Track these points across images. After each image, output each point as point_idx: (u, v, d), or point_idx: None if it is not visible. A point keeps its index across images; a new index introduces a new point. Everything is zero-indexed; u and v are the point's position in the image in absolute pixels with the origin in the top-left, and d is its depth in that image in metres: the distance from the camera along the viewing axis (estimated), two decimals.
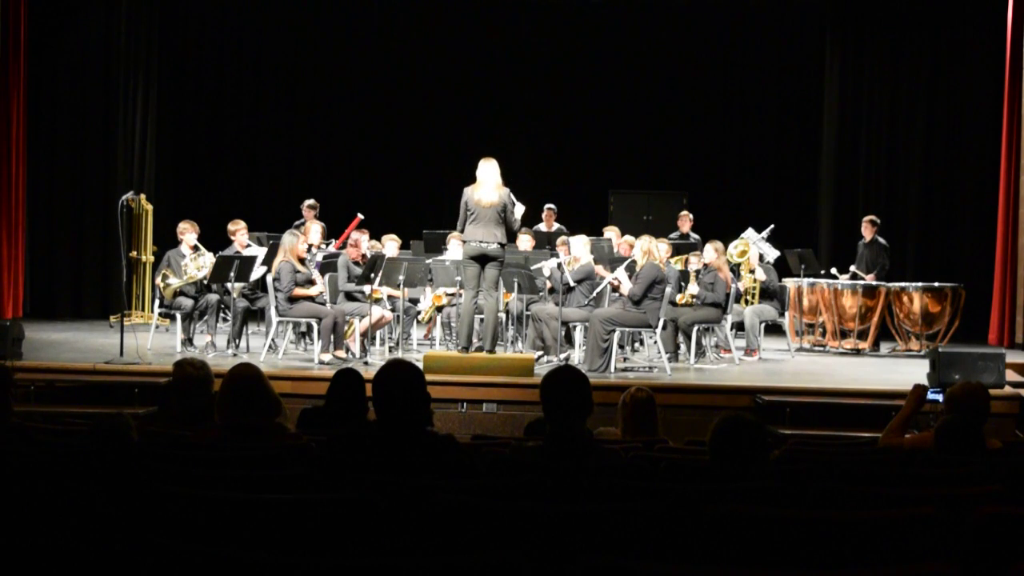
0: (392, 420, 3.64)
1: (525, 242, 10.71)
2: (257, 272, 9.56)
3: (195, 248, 9.68)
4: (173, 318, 9.73)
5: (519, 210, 8.71)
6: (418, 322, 10.35)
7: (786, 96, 14.46)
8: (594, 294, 9.22)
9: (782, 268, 11.36)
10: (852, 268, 11.38)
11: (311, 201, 11.39)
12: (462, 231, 8.68)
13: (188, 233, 9.70)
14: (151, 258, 11.94)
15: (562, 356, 8.99)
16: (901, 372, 9.24)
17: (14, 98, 11.47)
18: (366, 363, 8.86)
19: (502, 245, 8.54)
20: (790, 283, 11.09)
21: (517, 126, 14.26)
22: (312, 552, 2.77)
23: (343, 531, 2.80)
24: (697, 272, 10.10)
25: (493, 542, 2.76)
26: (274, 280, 8.91)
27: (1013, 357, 9.18)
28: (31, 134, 12.01)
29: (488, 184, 8.46)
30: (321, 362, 8.61)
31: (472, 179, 8.56)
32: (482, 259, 8.49)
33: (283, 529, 2.80)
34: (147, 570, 2.26)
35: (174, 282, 9.47)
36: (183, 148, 14.02)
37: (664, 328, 9.09)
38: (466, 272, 8.60)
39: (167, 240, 10.66)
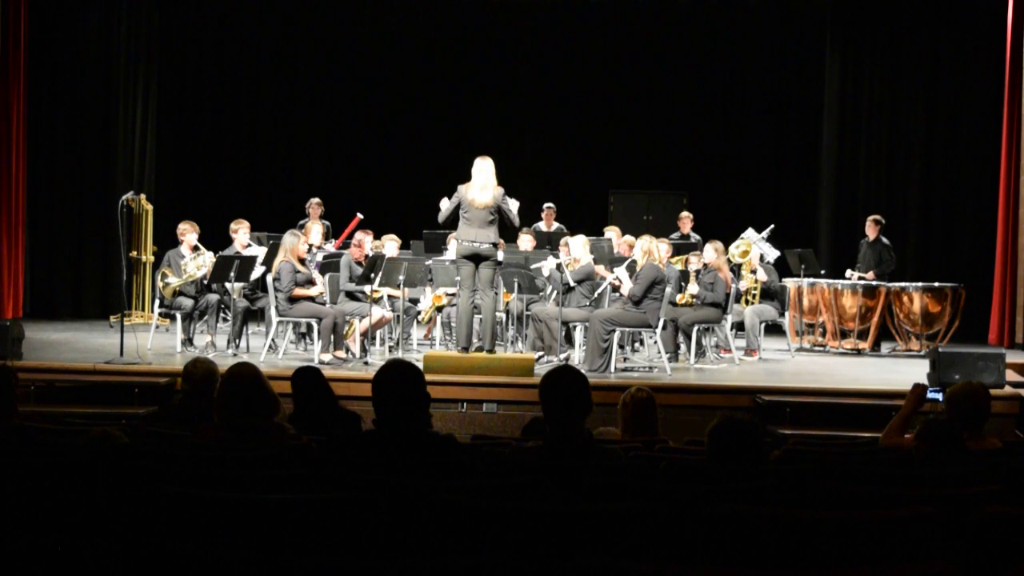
0: (392, 420, 3.64)
1: (525, 242, 10.70)
2: (257, 272, 9.56)
3: (195, 248, 9.68)
4: (173, 318, 9.73)
5: (514, 205, 8.66)
6: (418, 322, 10.35)
7: (786, 96, 14.45)
8: (595, 295, 9.22)
9: (782, 268, 11.36)
10: (857, 271, 11.37)
11: (317, 200, 11.39)
12: (442, 224, 8.70)
13: (189, 233, 9.70)
14: (151, 258, 11.94)
15: (562, 356, 8.98)
16: (901, 372, 9.24)
17: (14, 98, 11.48)
18: (366, 363, 8.86)
19: (494, 244, 8.54)
20: (790, 283, 11.09)
21: (517, 126, 14.26)
22: (312, 552, 2.77)
23: (343, 531, 2.80)
24: (697, 272, 10.10)
25: (493, 542, 2.76)
26: (274, 280, 8.91)
27: (1013, 357, 9.17)
28: (31, 134, 12.01)
29: (482, 184, 8.45)
30: (321, 362, 8.60)
31: (468, 179, 8.55)
32: (475, 258, 8.48)
33: (283, 529, 2.80)
34: (147, 570, 2.26)
35: (173, 281, 9.48)
36: (183, 148, 14.02)
37: (664, 328, 9.09)
38: (461, 271, 8.60)
39: (167, 240, 10.66)
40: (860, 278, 11.20)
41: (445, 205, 8.66)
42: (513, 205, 8.65)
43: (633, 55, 14.44)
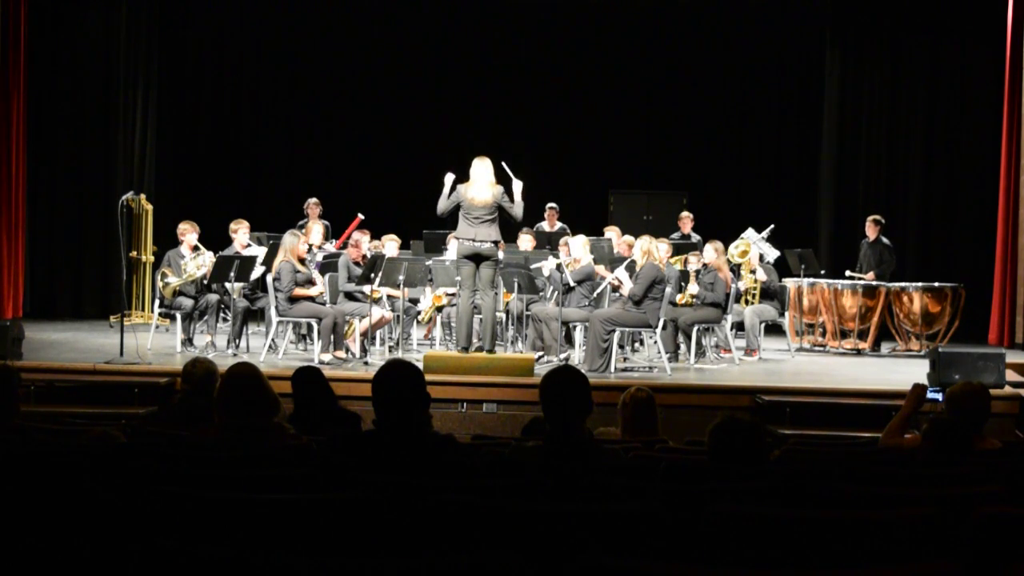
0: (392, 420, 3.64)
1: (525, 242, 10.71)
2: (257, 272, 9.56)
3: (195, 248, 9.68)
4: (173, 318, 9.73)
5: (517, 187, 8.61)
6: (418, 322, 10.35)
7: (786, 96, 14.46)
8: (594, 294, 9.22)
9: (782, 268, 11.36)
10: (858, 271, 11.37)
11: (315, 200, 11.39)
12: (440, 214, 8.65)
13: (189, 234, 9.71)
14: (151, 258, 11.94)
15: (562, 356, 8.99)
16: (901, 372, 9.24)
17: (14, 98, 11.47)
18: (366, 363, 8.87)
19: (495, 244, 8.54)
20: (790, 283, 11.09)
21: (517, 126, 14.25)
22: (312, 552, 2.77)
23: (343, 531, 2.80)
24: (697, 272, 10.10)
25: (493, 542, 2.76)
26: (274, 280, 8.91)
27: (1013, 357, 9.17)
28: (31, 134, 12.00)
29: (481, 183, 8.45)
30: (321, 362, 8.60)
31: (468, 178, 8.55)
32: (476, 258, 8.48)
33: (283, 529, 2.80)
34: (147, 570, 2.26)
35: (173, 281, 9.48)
36: (183, 148, 14.02)
37: (664, 328, 9.09)
38: (461, 271, 8.61)
39: (167, 240, 10.66)
40: (859, 278, 11.20)
41: (449, 181, 8.60)
42: (516, 187, 8.61)
43: (633, 55, 14.44)
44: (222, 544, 2.54)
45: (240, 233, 9.96)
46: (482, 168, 8.49)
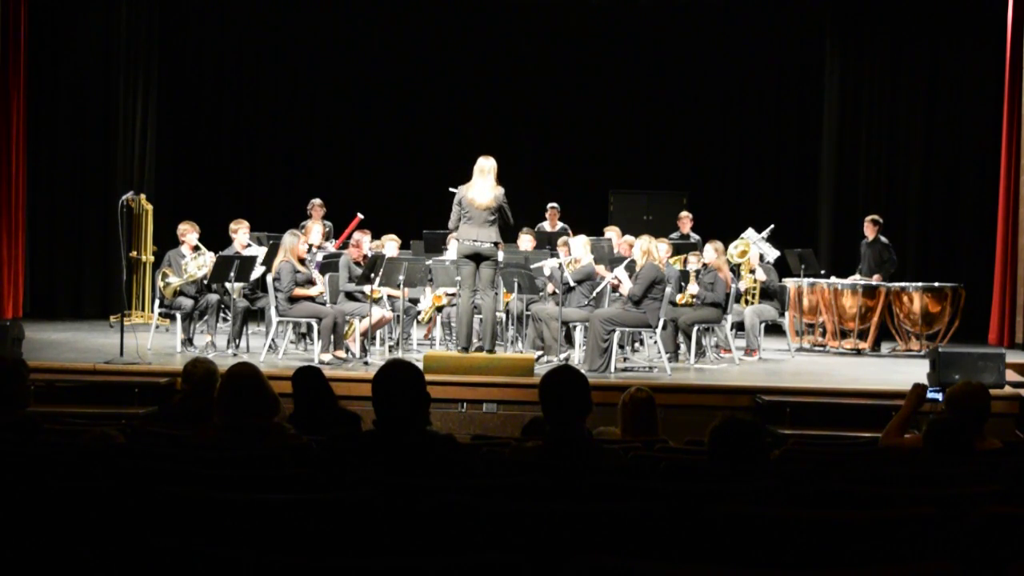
0: (392, 420, 3.64)
1: (526, 242, 10.71)
2: (257, 272, 9.56)
3: (195, 248, 9.68)
4: (173, 318, 9.73)
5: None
6: (418, 322, 10.35)
7: (786, 96, 14.46)
8: (594, 294, 9.22)
9: (782, 268, 11.36)
10: (859, 272, 11.36)
11: (319, 200, 11.37)
12: (454, 230, 8.65)
13: (189, 234, 9.70)
14: (151, 258, 11.94)
15: (562, 356, 8.99)
16: (901, 372, 9.24)
17: (14, 98, 11.47)
18: (366, 363, 8.86)
19: (496, 244, 8.53)
20: (790, 283, 11.09)
21: (518, 126, 14.26)
22: (312, 552, 2.77)
23: (343, 531, 2.80)
24: (697, 272, 10.11)
25: (493, 542, 2.76)
26: (274, 280, 8.91)
27: (1013, 357, 9.17)
28: (31, 134, 12.01)
29: (482, 184, 8.43)
30: (321, 362, 8.59)
31: (469, 178, 8.54)
32: (476, 258, 8.48)
33: (283, 529, 2.80)
34: (147, 570, 2.26)
35: (174, 281, 9.48)
36: (183, 148, 14.02)
37: (664, 328, 9.09)
38: (461, 271, 8.60)
39: (167, 240, 10.66)
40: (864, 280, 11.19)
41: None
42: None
43: (633, 55, 14.45)
44: (222, 544, 2.54)
45: (240, 233, 9.96)
46: (485, 168, 8.47)
